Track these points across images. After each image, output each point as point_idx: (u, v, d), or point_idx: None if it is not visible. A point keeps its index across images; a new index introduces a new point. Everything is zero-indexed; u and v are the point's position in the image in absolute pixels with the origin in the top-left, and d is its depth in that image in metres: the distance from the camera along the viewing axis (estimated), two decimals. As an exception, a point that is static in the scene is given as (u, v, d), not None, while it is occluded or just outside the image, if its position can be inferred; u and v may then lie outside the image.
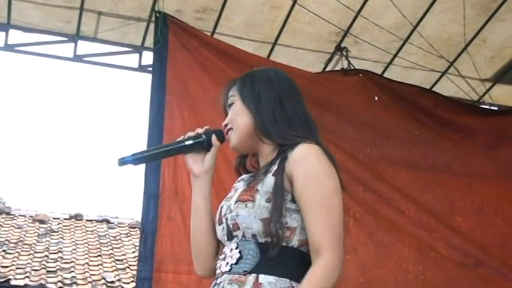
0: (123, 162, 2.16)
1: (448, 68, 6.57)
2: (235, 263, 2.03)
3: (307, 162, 2.01)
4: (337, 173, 2.06)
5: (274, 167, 2.07)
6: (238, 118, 2.19)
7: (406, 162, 6.19)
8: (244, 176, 2.24)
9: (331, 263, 1.93)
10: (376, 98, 6.23)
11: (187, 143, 2.26)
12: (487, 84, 6.82)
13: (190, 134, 2.27)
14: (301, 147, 2.04)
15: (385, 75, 6.55)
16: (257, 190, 2.05)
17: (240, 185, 2.18)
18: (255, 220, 2.01)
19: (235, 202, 2.07)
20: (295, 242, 2.02)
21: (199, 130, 2.28)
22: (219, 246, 2.22)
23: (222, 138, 2.25)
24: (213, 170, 2.28)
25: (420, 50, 6.27)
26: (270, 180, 2.04)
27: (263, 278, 1.98)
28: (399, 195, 6.07)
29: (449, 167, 6.34)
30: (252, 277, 1.99)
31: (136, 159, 2.18)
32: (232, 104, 2.23)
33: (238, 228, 2.05)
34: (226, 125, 2.23)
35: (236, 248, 2.05)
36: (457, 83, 6.60)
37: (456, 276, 6.04)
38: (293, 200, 2.02)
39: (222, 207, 2.17)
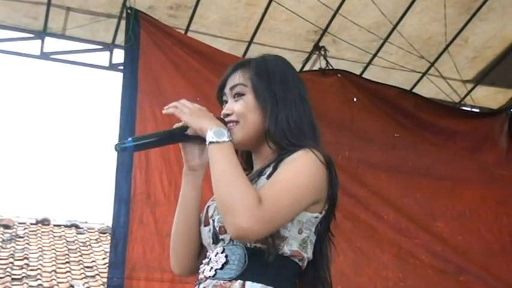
0: (123, 148, 2.05)
1: (429, 68, 6.60)
2: (221, 268, 1.98)
3: (294, 160, 1.98)
4: (326, 168, 2.01)
5: (269, 170, 2.02)
6: (250, 115, 2.10)
7: (386, 165, 6.23)
8: None
9: (256, 211, 1.84)
10: (355, 99, 6.25)
11: (189, 132, 2.12)
12: (468, 86, 6.86)
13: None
14: (298, 152, 2.00)
15: (364, 75, 6.57)
16: None
17: None
18: None
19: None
20: (286, 250, 1.97)
21: None
22: (202, 245, 2.16)
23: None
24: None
25: (400, 49, 6.30)
26: (263, 183, 1.99)
27: (249, 285, 1.93)
28: (378, 199, 6.10)
29: (430, 171, 6.38)
30: (238, 284, 1.94)
31: (137, 145, 2.07)
32: (241, 94, 2.14)
33: (225, 232, 1.99)
34: (228, 115, 2.13)
35: (222, 252, 2.00)
36: (437, 84, 6.64)
37: (437, 284, 6.07)
38: None
39: (209, 207, 2.12)
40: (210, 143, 1.94)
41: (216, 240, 2.04)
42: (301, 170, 1.96)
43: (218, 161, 1.93)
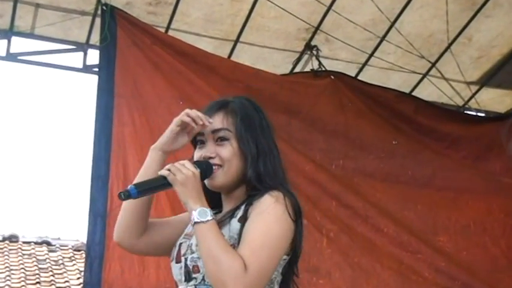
0: (127, 196, 2.20)
1: (430, 69, 6.61)
2: None
3: (263, 205, 2.13)
4: (294, 222, 2.17)
5: (240, 212, 2.18)
6: (234, 161, 2.27)
7: (384, 175, 6.23)
8: None
9: (242, 275, 2.00)
10: (350, 104, 6.24)
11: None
12: (472, 88, 6.87)
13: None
14: (267, 196, 2.16)
15: (359, 77, 6.58)
16: (222, 234, 2.13)
17: None
18: None
19: (197, 244, 2.15)
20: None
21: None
22: (145, 230, 2.37)
23: (210, 172, 2.28)
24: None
25: (399, 49, 6.31)
26: (235, 225, 2.16)
27: None
28: (376, 211, 6.09)
29: (432, 181, 6.38)
30: None
31: (140, 191, 2.22)
32: (226, 139, 2.29)
33: (199, 271, 2.15)
34: (211, 157, 2.29)
35: None
36: (439, 86, 6.65)
37: (442, 302, 6.08)
38: None
39: (181, 244, 2.26)
40: (195, 223, 2.10)
41: (188, 278, 2.19)
42: (273, 222, 2.12)
43: (203, 240, 2.09)
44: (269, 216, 2.12)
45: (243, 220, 2.15)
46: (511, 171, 6.73)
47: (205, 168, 2.26)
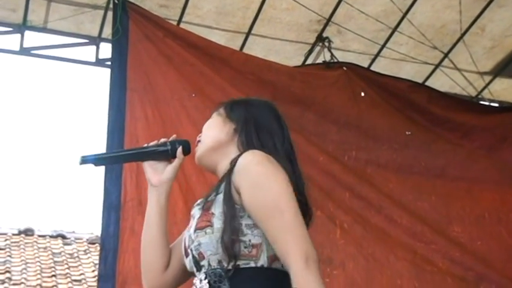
0: (84, 160, 2.26)
1: (442, 60, 6.58)
2: None
3: (249, 170, 2.09)
4: (283, 170, 2.11)
5: (222, 187, 2.15)
6: (212, 128, 2.33)
7: (397, 166, 6.20)
8: (199, 201, 2.28)
9: (302, 266, 1.93)
10: (363, 94, 6.22)
11: (150, 149, 2.39)
12: (486, 78, 6.84)
13: (153, 142, 2.39)
14: (243, 156, 2.13)
15: (372, 68, 6.55)
16: (212, 213, 2.11)
17: (196, 212, 2.23)
18: (217, 246, 2.07)
19: (195, 231, 2.13)
20: (263, 259, 2.06)
21: (163, 140, 2.39)
22: (168, 262, 2.34)
23: (187, 149, 2.37)
24: (172, 181, 2.39)
25: (411, 40, 6.29)
26: (221, 199, 2.12)
27: None
28: (390, 202, 6.06)
29: (445, 171, 6.35)
30: None
31: (98, 159, 2.31)
32: (211, 117, 2.39)
33: (204, 258, 2.11)
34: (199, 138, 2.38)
35: (205, 278, 2.10)
36: (452, 77, 6.63)
37: (456, 294, 6.07)
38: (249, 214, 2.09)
39: (185, 239, 2.25)
40: None
41: (198, 267, 2.15)
42: (265, 183, 2.06)
43: None
44: (265, 186, 2.06)
45: (227, 190, 2.11)
46: (524, 161, 6.75)
47: (177, 145, 2.35)
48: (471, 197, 6.36)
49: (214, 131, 2.32)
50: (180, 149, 2.35)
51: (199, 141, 2.35)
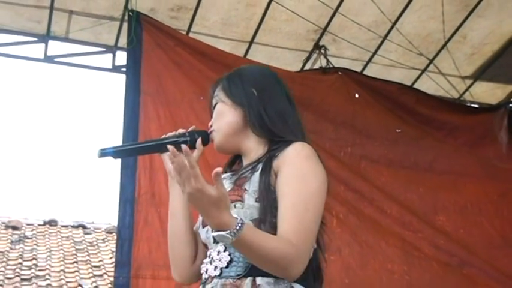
0: (103, 153, 2.08)
1: (428, 65, 6.53)
2: (226, 267, 1.93)
3: (297, 160, 1.95)
4: (325, 175, 2.00)
5: (261, 165, 2.00)
6: (222, 117, 2.14)
7: (388, 161, 6.18)
8: (225, 175, 2.11)
9: (292, 256, 1.82)
10: (357, 96, 6.20)
11: (169, 140, 2.15)
12: (467, 82, 6.79)
13: (171, 133, 2.18)
14: (294, 146, 1.98)
15: (364, 73, 6.49)
16: (245, 189, 1.96)
17: (225, 183, 2.05)
18: (245, 221, 1.86)
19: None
20: None
21: (181, 130, 2.19)
22: (197, 251, 2.15)
23: (206, 140, 2.18)
24: None
25: (399, 47, 6.24)
26: (257, 179, 1.97)
27: (260, 280, 1.87)
28: (381, 194, 6.05)
29: (432, 166, 6.33)
30: (248, 280, 1.88)
31: (116, 151, 2.11)
32: (216, 104, 2.19)
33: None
34: (211, 126, 2.19)
35: (224, 250, 1.95)
36: (437, 81, 6.60)
37: (441, 277, 6.03)
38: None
39: None
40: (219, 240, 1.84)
41: (216, 240, 1.95)
42: (307, 177, 1.94)
43: (243, 250, 1.83)
44: (302, 171, 1.94)
45: (264, 171, 1.97)
46: (503, 156, 6.70)
47: (196, 136, 2.15)
48: (456, 189, 6.35)
49: (227, 118, 2.12)
50: (199, 140, 2.16)
51: (212, 130, 2.17)
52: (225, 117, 2.14)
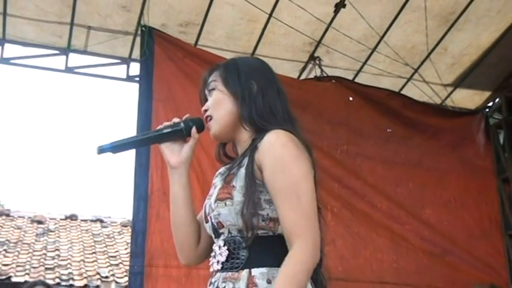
0: (101, 150, 1.97)
1: (413, 74, 6.49)
2: (226, 261, 1.86)
3: (274, 150, 1.82)
4: (309, 156, 1.88)
5: (246, 160, 1.88)
6: (221, 106, 1.99)
7: (382, 157, 6.15)
8: (221, 170, 2.02)
9: (305, 249, 1.74)
10: (351, 99, 6.17)
11: (165, 131, 2.04)
12: (448, 89, 6.75)
13: (167, 123, 2.06)
14: (268, 135, 1.85)
15: (355, 81, 6.45)
16: (233, 186, 1.86)
17: (217, 182, 1.97)
18: (236, 217, 1.83)
19: (215, 201, 1.89)
20: (281, 230, 1.82)
21: (176, 119, 2.07)
22: (199, 234, 2.06)
23: (201, 127, 2.05)
24: (191, 160, 2.07)
25: (387, 58, 6.20)
26: (243, 174, 1.86)
27: (255, 271, 1.81)
28: (373, 190, 6.02)
29: (421, 162, 6.31)
30: (245, 272, 1.82)
31: (114, 147, 1.99)
32: (213, 89, 2.03)
33: (223, 226, 1.88)
34: (205, 111, 2.03)
35: (224, 245, 1.88)
36: (421, 88, 6.55)
37: (426, 264, 6.02)
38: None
39: (205, 205, 1.99)
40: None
41: (217, 234, 1.93)
42: (288, 165, 1.81)
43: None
44: (288, 167, 1.80)
45: (248, 165, 1.85)
46: (481, 156, 6.69)
47: (191, 124, 2.02)
48: (441, 185, 6.33)
49: (223, 109, 1.98)
50: (194, 129, 2.03)
51: (209, 117, 2.01)
52: (223, 106, 1.99)
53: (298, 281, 1.72)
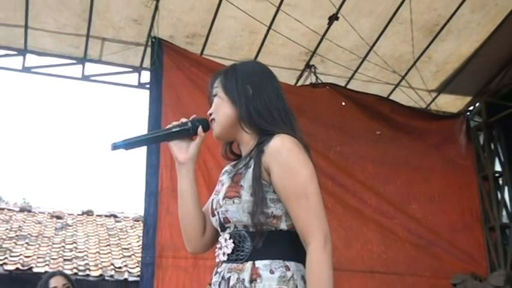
0: (115, 146, 1.95)
1: (400, 81, 6.49)
2: (231, 253, 1.85)
3: (281, 156, 1.81)
4: (310, 159, 1.86)
5: (252, 162, 1.87)
6: (220, 110, 1.97)
7: (372, 157, 6.14)
8: (227, 168, 2.02)
9: (322, 248, 1.74)
10: (343, 104, 6.17)
11: (173, 129, 2.03)
12: (433, 94, 6.74)
13: (175, 122, 2.06)
14: (275, 140, 1.83)
15: (347, 87, 6.45)
16: (241, 186, 1.85)
17: (225, 179, 1.96)
18: (243, 214, 1.82)
19: (223, 198, 1.88)
20: (283, 226, 1.82)
21: (184, 119, 2.06)
22: (205, 225, 2.03)
23: (207, 127, 2.03)
24: (197, 157, 2.05)
25: (376, 66, 6.20)
26: (250, 175, 1.84)
27: (259, 263, 1.80)
28: (363, 187, 6.02)
29: (407, 161, 6.30)
30: (249, 264, 1.81)
31: (127, 144, 1.98)
32: (215, 95, 2.01)
33: (229, 221, 1.87)
34: (210, 114, 2.02)
35: (230, 238, 1.87)
36: (407, 94, 6.55)
37: (413, 255, 6.03)
38: (275, 191, 1.83)
39: (212, 200, 1.97)
40: None
41: (223, 228, 1.91)
42: (295, 169, 1.80)
43: None
44: (295, 170, 1.80)
45: (255, 168, 1.84)
46: (462, 155, 6.70)
47: (197, 124, 2.01)
48: (426, 182, 6.32)
49: (222, 113, 1.96)
50: (200, 129, 2.01)
51: (213, 119, 2.00)
52: (221, 111, 1.97)
53: (326, 280, 1.72)
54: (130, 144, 2.00)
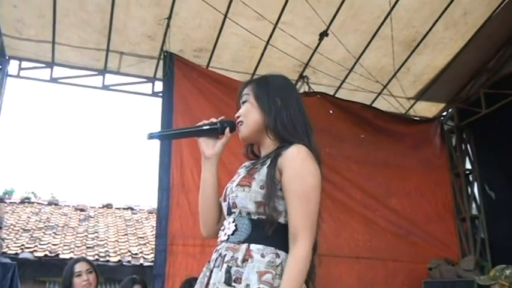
0: (151, 136, 1.96)
1: (382, 90, 6.48)
2: (232, 234, 1.88)
3: (295, 162, 1.84)
4: (319, 170, 1.89)
5: (268, 161, 1.89)
6: (250, 115, 1.99)
7: (356, 158, 6.14)
8: (247, 163, 2.05)
9: (307, 247, 1.77)
10: (331, 112, 6.17)
11: (204, 127, 2.03)
12: (411, 102, 6.75)
13: (206, 121, 2.06)
14: (292, 148, 1.86)
15: (336, 96, 6.44)
16: (254, 178, 1.88)
17: (242, 171, 1.99)
18: (250, 202, 1.85)
19: (236, 185, 1.91)
20: (281, 220, 1.85)
21: (213, 119, 2.06)
22: (221, 214, 2.04)
23: (233, 128, 2.04)
24: (221, 154, 2.06)
25: (361, 77, 6.19)
26: (264, 171, 1.87)
27: (253, 246, 1.83)
28: (349, 184, 6.02)
29: (388, 161, 6.30)
30: (244, 246, 1.84)
31: (161, 135, 2.00)
32: (245, 101, 2.02)
33: (236, 207, 1.89)
34: (238, 117, 2.03)
35: (233, 221, 1.89)
36: (389, 101, 6.55)
37: (393, 243, 6.04)
38: (281, 189, 1.86)
39: (227, 188, 2.00)
40: None
41: (229, 212, 1.93)
42: (305, 175, 1.83)
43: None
44: (304, 177, 1.82)
45: (271, 166, 1.86)
46: (437, 155, 6.70)
47: (225, 125, 2.02)
48: (404, 179, 6.33)
49: (251, 118, 1.98)
50: (228, 129, 2.02)
51: (240, 122, 2.01)
52: (251, 116, 1.98)
53: (302, 275, 1.76)
54: (164, 135, 2.03)
